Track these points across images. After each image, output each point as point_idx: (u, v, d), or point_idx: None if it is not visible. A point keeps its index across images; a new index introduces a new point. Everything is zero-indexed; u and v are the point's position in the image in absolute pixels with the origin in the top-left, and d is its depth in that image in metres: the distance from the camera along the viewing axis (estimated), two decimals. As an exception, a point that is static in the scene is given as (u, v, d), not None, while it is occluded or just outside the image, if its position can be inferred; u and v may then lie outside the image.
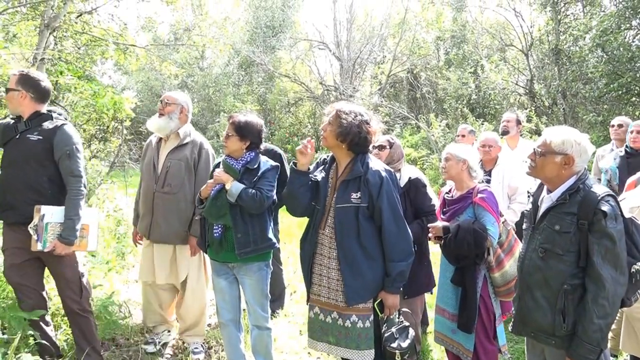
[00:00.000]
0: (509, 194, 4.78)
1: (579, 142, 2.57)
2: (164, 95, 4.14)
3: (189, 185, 4.04)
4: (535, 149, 2.66)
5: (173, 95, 4.16)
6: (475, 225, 3.37)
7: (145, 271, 4.17)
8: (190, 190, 4.03)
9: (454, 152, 3.61)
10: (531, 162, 2.68)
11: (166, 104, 4.07)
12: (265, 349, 3.70)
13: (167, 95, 4.15)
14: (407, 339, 3.03)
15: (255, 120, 3.52)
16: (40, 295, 3.57)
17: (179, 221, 4.02)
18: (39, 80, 3.49)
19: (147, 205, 4.09)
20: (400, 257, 2.97)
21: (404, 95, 19.08)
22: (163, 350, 4.26)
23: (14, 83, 3.45)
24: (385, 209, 2.95)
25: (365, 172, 2.99)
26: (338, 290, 3.05)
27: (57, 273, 3.57)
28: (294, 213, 3.23)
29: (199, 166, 4.07)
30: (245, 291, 3.61)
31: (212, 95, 22.29)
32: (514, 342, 4.58)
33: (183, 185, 4.01)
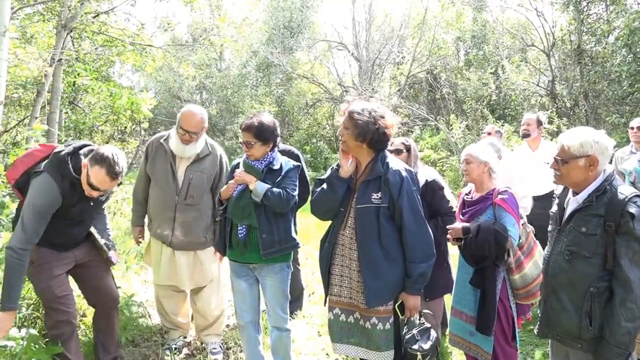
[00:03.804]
0: None
1: (597, 141, 2.53)
2: (190, 125, 3.92)
3: (208, 194, 4.08)
4: (556, 157, 2.63)
5: (199, 124, 3.97)
6: (496, 226, 3.33)
7: (167, 277, 4.16)
8: (209, 198, 4.08)
9: (475, 154, 3.57)
10: (555, 172, 2.65)
11: (193, 134, 3.95)
12: (284, 350, 3.69)
13: (193, 125, 3.93)
14: (429, 340, 3.00)
15: (268, 118, 3.49)
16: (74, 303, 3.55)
17: (199, 229, 4.05)
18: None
19: (167, 215, 4.07)
20: (421, 258, 2.93)
21: (424, 96, 18.97)
22: (181, 351, 4.27)
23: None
24: (406, 209, 2.91)
25: (385, 172, 2.96)
26: (359, 291, 3.02)
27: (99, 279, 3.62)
28: (324, 217, 3.21)
29: (220, 178, 4.10)
30: (265, 292, 3.59)
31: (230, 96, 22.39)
32: (534, 346, 4.53)
33: (204, 195, 4.02)
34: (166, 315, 4.29)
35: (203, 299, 4.25)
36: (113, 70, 9.09)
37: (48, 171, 3.21)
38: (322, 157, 17.71)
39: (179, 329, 4.36)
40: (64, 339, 3.26)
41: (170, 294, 4.24)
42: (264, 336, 3.88)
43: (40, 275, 3.32)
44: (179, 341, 4.34)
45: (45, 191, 3.16)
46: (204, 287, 4.24)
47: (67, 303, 3.35)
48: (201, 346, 4.35)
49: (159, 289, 4.26)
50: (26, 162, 3.41)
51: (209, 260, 4.17)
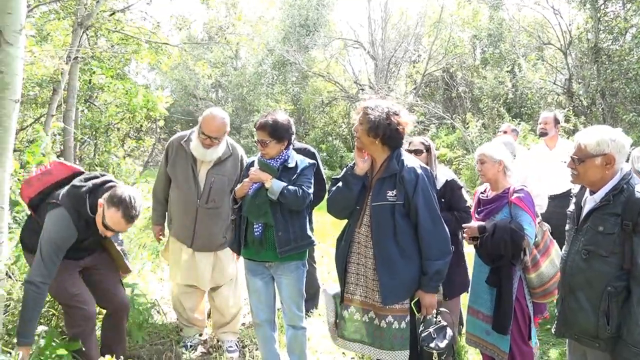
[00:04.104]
0: None
1: (614, 139, 2.52)
2: (212, 131, 3.91)
3: (229, 196, 4.06)
4: (572, 156, 2.62)
5: (220, 129, 3.95)
6: (512, 224, 3.31)
7: (187, 277, 4.18)
8: (229, 200, 4.04)
9: (489, 154, 3.56)
10: (572, 171, 2.64)
11: (214, 139, 3.95)
12: (300, 348, 3.69)
13: (214, 130, 3.92)
14: (445, 339, 2.98)
15: (283, 117, 3.49)
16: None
17: (219, 230, 4.07)
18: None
19: (188, 217, 4.08)
20: (437, 255, 2.92)
21: (440, 94, 18.86)
22: (197, 348, 4.29)
23: None
24: (421, 206, 2.90)
25: (400, 170, 2.95)
26: (374, 289, 3.01)
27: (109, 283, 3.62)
28: (341, 215, 3.21)
29: (241, 180, 4.07)
30: (281, 290, 3.60)
31: (246, 94, 22.45)
32: (550, 345, 4.50)
33: (225, 198, 4.02)
34: (183, 312, 4.31)
35: (221, 296, 4.27)
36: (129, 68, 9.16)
37: (66, 207, 3.20)
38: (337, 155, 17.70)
39: (194, 326, 4.37)
40: (84, 336, 3.28)
41: (188, 291, 4.26)
42: (279, 334, 3.90)
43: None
44: (195, 339, 4.36)
45: (64, 228, 3.17)
46: (222, 285, 4.27)
47: (84, 300, 3.37)
48: (217, 344, 4.37)
49: (177, 286, 4.29)
50: (43, 180, 3.40)
51: (228, 260, 4.19)
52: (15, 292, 3.77)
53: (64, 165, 3.55)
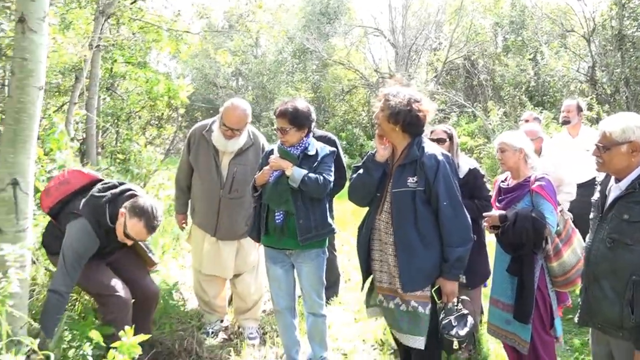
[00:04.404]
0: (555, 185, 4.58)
1: (639, 126, 2.47)
2: (233, 122, 3.92)
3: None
4: (597, 144, 2.58)
5: (242, 120, 3.97)
6: (534, 213, 3.27)
7: (210, 266, 4.22)
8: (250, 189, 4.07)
9: (510, 142, 3.51)
10: (598, 159, 2.60)
11: (236, 130, 3.97)
12: (320, 335, 3.72)
13: (236, 122, 3.94)
14: (466, 327, 2.97)
15: (303, 104, 3.49)
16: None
17: (243, 220, 4.09)
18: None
19: (212, 207, 4.11)
20: (458, 242, 2.91)
21: (461, 82, 18.65)
22: (218, 335, 4.33)
23: None
24: (442, 193, 2.89)
25: (421, 156, 2.94)
26: (396, 275, 3.01)
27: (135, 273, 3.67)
28: (362, 202, 3.22)
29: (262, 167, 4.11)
30: (301, 278, 3.62)
31: (266, 83, 22.43)
32: (573, 334, 4.48)
33: (247, 187, 4.02)
34: (205, 298, 4.35)
35: (243, 283, 4.31)
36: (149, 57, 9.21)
37: (86, 217, 3.26)
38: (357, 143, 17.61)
39: (216, 313, 4.42)
40: (117, 323, 3.31)
41: (210, 278, 4.29)
42: (300, 321, 3.91)
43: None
44: (216, 325, 4.40)
45: (85, 238, 3.23)
46: (244, 273, 4.30)
47: (115, 287, 3.41)
48: (238, 330, 4.41)
49: (199, 273, 4.32)
50: (62, 190, 3.44)
51: (251, 247, 4.21)
52: (39, 278, 3.84)
53: (82, 173, 3.59)
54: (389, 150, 3.07)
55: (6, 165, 2.77)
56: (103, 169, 6.32)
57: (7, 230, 2.77)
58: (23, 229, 2.80)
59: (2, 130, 2.94)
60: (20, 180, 2.75)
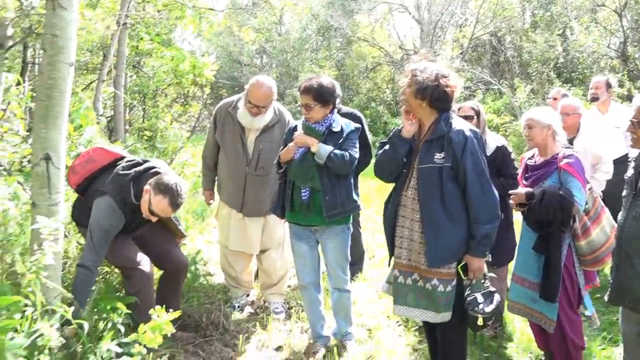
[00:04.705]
0: (593, 163, 4.49)
1: None
2: (259, 99, 3.93)
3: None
4: (632, 120, 2.54)
5: (267, 97, 3.97)
6: (562, 191, 3.22)
7: (237, 242, 4.26)
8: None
9: (537, 118, 3.44)
10: (632, 135, 2.57)
11: (262, 107, 3.97)
12: (345, 310, 3.76)
13: (262, 99, 3.95)
14: (492, 304, 2.94)
15: (327, 80, 3.48)
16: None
17: (269, 196, 4.10)
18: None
19: (238, 184, 4.15)
20: (485, 219, 2.88)
21: (487, 59, 18.33)
22: (244, 309, 4.41)
23: None
24: (470, 169, 2.86)
25: (448, 132, 2.91)
26: (420, 252, 3.00)
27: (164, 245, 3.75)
28: (388, 178, 3.19)
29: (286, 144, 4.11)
30: (327, 254, 3.64)
31: (290, 60, 22.35)
32: (600, 314, 4.38)
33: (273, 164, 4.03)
34: (231, 273, 4.41)
35: (269, 259, 4.35)
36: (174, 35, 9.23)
37: (111, 195, 3.31)
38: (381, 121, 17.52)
39: (242, 287, 4.48)
40: (141, 295, 3.42)
41: (237, 253, 4.34)
42: (324, 297, 3.95)
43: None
44: (242, 299, 4.47)
45: (111, 215, 3.29)
46: (270, 249, 4.34)
47: (139, 261, 3.50)
48: (264, 305, 4.48)
49: (226, 249, 4.37)
50: (87, 168, 3.50)
51: (277, 224, 4.24)
52: (71, 251, 3.94)
53: (106, 151, 3.64)
54: (416, 126, 3.04)
55: (39, 140, 2.83)
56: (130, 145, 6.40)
57: (40, 204, 2.84)
58: (55, 203, 2.87)
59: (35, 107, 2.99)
60: (52, 155, 2.81)
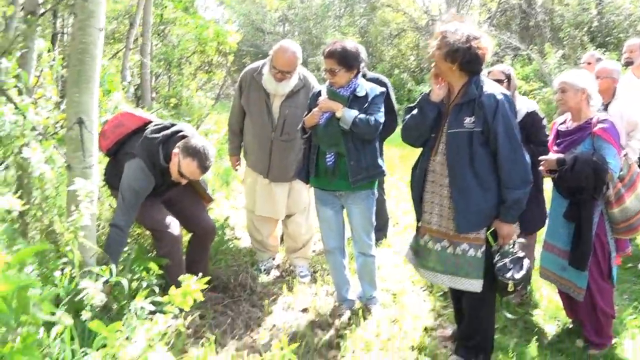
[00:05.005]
0: (628, 130, 4.38)
1: None
2: (284, 65, 3.91)
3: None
4: None
5: (292, 62, 3.94)
6: (595, 157, 3.16)
7: (263, 208, 4.31)
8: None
9: (571, 82, 3.35)
10: None
11: (286, 73, 3.96)
12: (370, 275, 3.80)
13: (286, 64, 3.92)
14: (522, 270, 2.94)
15: (351, 44, 3.45)
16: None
17: (294, 162, 4.13)
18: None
19: (263, 150, 4.17)
20: (517, 184, 2.85)
21: (516, 24, 17.86)
22: (269, 272, 4.47)
23: None
24: (501, 133, 2.82)
25: (479, 95, 2.86)
26: (449, 218, 3.00)
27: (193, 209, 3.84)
28: (416, 144, 3.18)
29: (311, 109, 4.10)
30: (352, 219, 3.66)
31: (313, 28, 22.09)
32: (632, 283, 4.41)
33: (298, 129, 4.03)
34: (257, 237, 4.47)
35: (294, 224, 4.40)
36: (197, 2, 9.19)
37: (141, 157, 3.39)
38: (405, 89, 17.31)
39: (268, 251, 4.54)
40: (170, 256, 3.51)
41: (263, 218, 4.39)
42: (349, 262, 3.99)
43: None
44: (269, 262, 4.54)
45: (141, 177, 3.38)
46: (296, 213, 4.38)
47: (168, 224, 3.58)
48: (289, 268, 4.54)
49: (252, 214, 4.42)
50: (117, 132, 3.58)
51: (302, 189, 4.27)
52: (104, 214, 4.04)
53: (134, 115, 3.72)
54: (445, 89, 2.99)
55: (72, 104, 2.88)
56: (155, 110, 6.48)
57: (75, 167, 2.90)
58: (89, 166, 2.93)
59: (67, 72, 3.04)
60: (85, 119, 2.86)
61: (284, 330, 3.54)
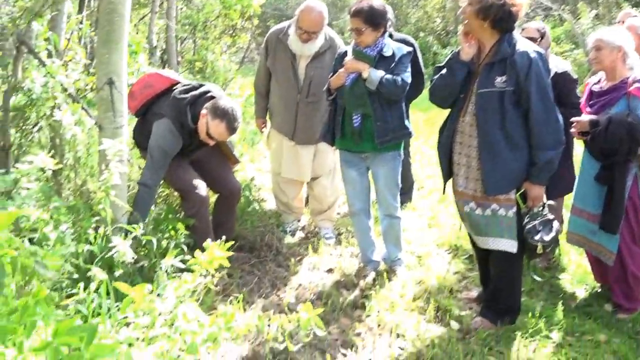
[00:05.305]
0: None
1: None
2: (310, 25, 3.87)
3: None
4: None
5: (318, 23, 3.90)
6: (631, 118, 3.08)
7: (289, 170, 4.32)
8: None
9: (607, 39, 3.23)
10: None
11: (312, 33, 3.91)
12: (395, 236, 3.80)
13: (312, 25, 3.88)
14: (551, 232, 2.90)
15: (378, 2, 3.38)
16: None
17: (320, 124, 4.08)
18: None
19: (289, 112, 4.16)
20: (549, 144, 2.79)
21: (548, -18, 17.29)
22: (295, 234, 4.51)
23: None
24: (534, 92, 2.75)
25: (512, 54, 2.78)
26: (477, 179, 2.96)
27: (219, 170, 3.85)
28: (444, 104, 3.12)
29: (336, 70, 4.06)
30: (377, 180, 3.65)
31: (337, -10, 21.75)
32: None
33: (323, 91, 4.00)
34: (283, 199, 4.50)
35: (320, 186, 4.40)
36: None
37: (169, 117, 3.41)
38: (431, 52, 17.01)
39: (293, 213, 4.57)
40: (198, 216, 3.55)
41: (289, 180, 4.40)
42: (374, 224, 4.00)
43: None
44: (294, 224, 4.57)
45: (169, 137, 3.41)
46: (321, 176, 4.39)
47: (196, 185, 3.60)
48: (314, 230, 4.57)
49: (278, 176, 4.44)
50: (145, 93, 3.60)
51: (328, 151, 4.26)
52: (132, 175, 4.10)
53: (162, 76, 3.72)
54: (475, 48, 2.91)
55: (102, 65, 2.90)
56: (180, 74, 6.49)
57: (106, 127, 2.94)
58: (120, 126, 2.97)
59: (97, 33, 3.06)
60: (115, 80, 2.88)
61: (309, 289, 3.58)
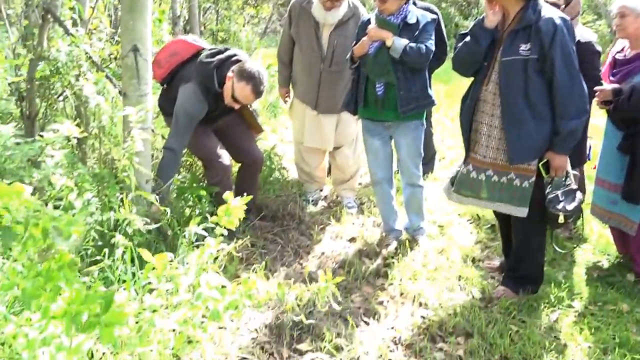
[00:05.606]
0: None
1: None
2: None
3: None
4: None
5: None
6: None
7: (312, 139, 4.33)
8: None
9: (632, 6, 3.17)
10: None
11: (336, 1, 3.89)
12: (417, 205, 3.80)
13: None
14: (574, 202, 2.88)
15: None
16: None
17: (343, 93, 4.07)
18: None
19: (312, 80, 4.16)
20: (573, 113, 2.75)
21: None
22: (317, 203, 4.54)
23: None
24: (559, 60, 2.70)
25: (536, 21, 2.73)
26: (499, 149, 2.94)
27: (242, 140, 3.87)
28: (467, 73, 3.09)
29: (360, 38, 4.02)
30: (400, 149, 3.65)
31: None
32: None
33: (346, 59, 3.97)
34: (305, 169, 4.53)
35: (342, 155, 4.42)
36: None
37: (196, 82, 3.42)
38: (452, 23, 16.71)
39: (315, 182, 4.60)
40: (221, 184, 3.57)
41: (311, 149, 4.42)
42: (396, 194, 4.01)
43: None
44: (316, 194, 4.60)
45: (195, 101, 3.42)
46: (344, 145, 4.40)
47: (219, 154, 3.64)
48: (336, 200, 4.60)
49: (300, 145, 4.46)
50: (171, 61, 3.61)
51: (350, 121, 4.26)
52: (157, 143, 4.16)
53: (188, 43, 3.72)
54: (499, 15, 2.86)
55: (126, 32, 2.92)
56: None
57: (130, 95, 2.97)
58: (144, 94, 2.99)
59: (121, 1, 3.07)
60: (140, 47, 2.90)
61: (332, 258, 3.62)
